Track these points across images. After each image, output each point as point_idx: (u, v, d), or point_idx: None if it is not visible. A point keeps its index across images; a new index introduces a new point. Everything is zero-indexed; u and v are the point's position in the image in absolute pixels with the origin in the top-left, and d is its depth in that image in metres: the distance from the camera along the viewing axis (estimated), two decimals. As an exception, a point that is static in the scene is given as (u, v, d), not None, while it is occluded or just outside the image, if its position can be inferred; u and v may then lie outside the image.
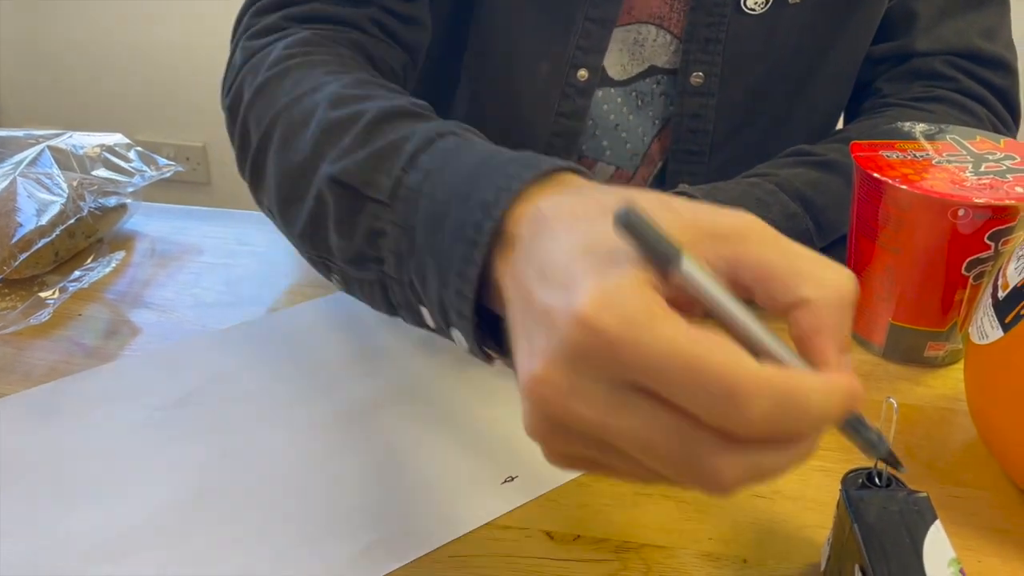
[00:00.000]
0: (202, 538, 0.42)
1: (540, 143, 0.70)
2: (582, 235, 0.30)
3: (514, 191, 0.34)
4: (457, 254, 0.36)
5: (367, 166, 0.43)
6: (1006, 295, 0.43)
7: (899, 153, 0.54)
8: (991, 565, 0.42)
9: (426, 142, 0.42)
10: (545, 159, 0.37)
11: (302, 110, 0.50)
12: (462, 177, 0.38)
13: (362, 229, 0.43)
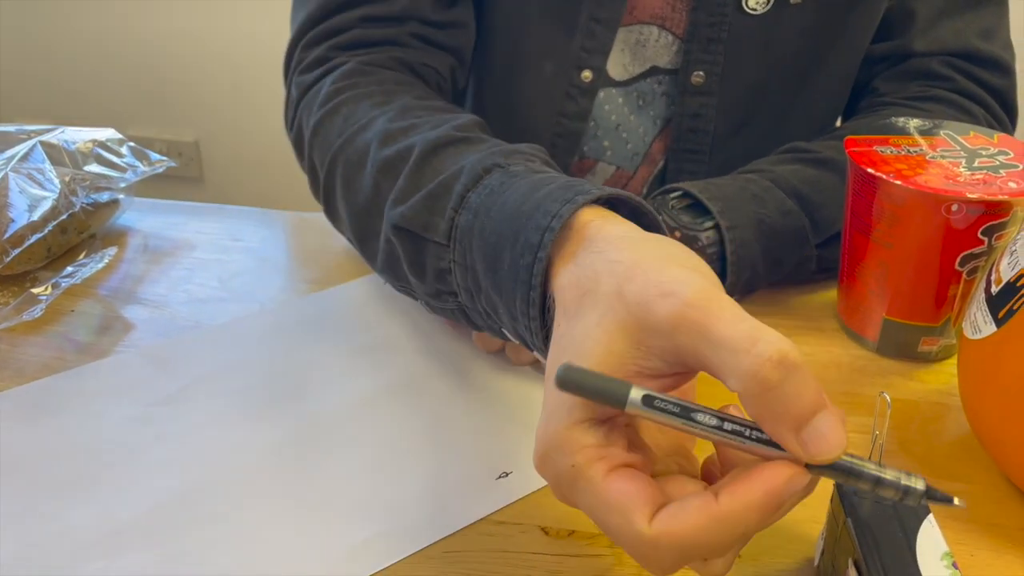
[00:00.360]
0: (196, 534, 0.42)
1: (543, 144, 0.70)
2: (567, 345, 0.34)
3: (554, 229, 0.38)
4: (519, 294, 0.40)
5: (423, 209, 0.47)
6: (999, 290, 0.43)
7: (893, 148, 0.54)
8: (984, 559, 0.42)
9: (473, 180, 0.45)
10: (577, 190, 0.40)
11: (356, 150, 0.54)
12: (508, 217, 0.41)
13: (431, 269, 0.47)
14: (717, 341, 0.30)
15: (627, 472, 0.32)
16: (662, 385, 0.33)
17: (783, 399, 0.29)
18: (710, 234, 0.57)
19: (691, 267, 0.33)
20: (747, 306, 0.60)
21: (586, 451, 0.32)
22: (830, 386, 0.53)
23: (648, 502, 0.31)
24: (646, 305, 0.31)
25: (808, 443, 0.29)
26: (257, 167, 2.01)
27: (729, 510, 0.30)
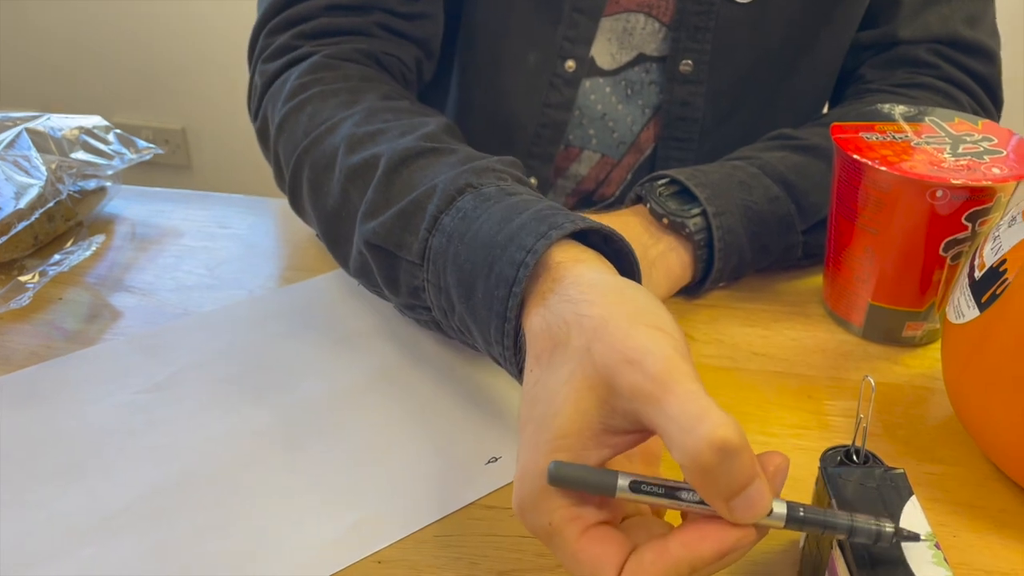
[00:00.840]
0: (187, 520, 0.43)
1: (527, 134, 0.71)
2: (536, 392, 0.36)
3: (529, 265, 0.39)
4: (494, 324, 0.41)
5: (396, 227, 0.48)
6: (982, 275, 0.44)
7: (879, 135, 0.54)
8: (966, 540, 0.43)
9: (446, 201, 0.46)
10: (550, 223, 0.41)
11: (323, 153, 0.54)
12: (481, 246, 0.42)
13: (405, 285, 0.48)
14: (667, 416, 0.31)
15: (599, 532, 0.34)
16: (630, 440, 0.34)
17: (717, 479, 0.31)
18: (697, 221, 0.58)
19: (658, 327, 0.34)
20: (734, 292, 0.61)
21: (560, 511, 0.33)
22: (815, 371, 0.54)
23: (615, 564, 0.33)
24: (611, 369, 0.33)
25: (735, 509, 0.32)
26: (245, 155, 2.00)
27: (681, 560, 0.32)
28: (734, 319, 0.58)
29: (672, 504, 0.33)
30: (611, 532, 0.34)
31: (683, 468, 0.31)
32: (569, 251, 0.40)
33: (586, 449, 0.34)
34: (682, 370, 0.32)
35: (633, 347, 0.33)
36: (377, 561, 0.41)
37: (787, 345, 0.56)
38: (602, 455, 0.34)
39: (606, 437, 0.34)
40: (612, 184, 0.75)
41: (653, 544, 0.33)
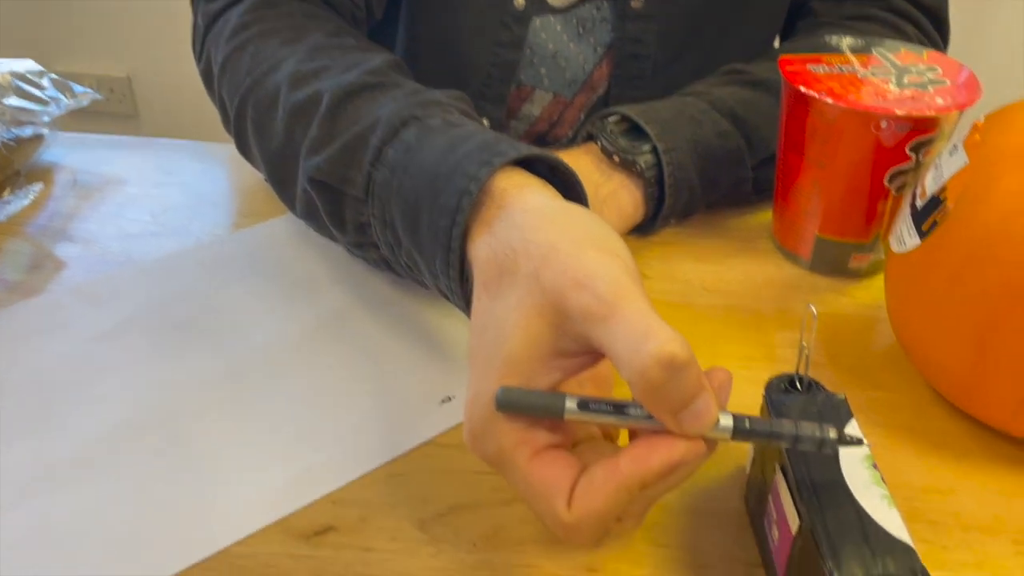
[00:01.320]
0: (136, 468, 0.42)
1: (479, 74, 0.70)
2: (489, 314, 0.35)
3: (472, 193, 0.39)
4: (439, 256, 0.40)
5: (339, 162, 0.46)
6: (924, 204, 0.44)
7: (826, 67, 0.54)
8: (907, 462, 0.44)
9: (390, 133, 0.45)
10: (493, 151, 0.40)
11: (266, 91, 0.53)
12: (425, 176, 0.42)
13: (351, 222, 0.47)
14: (615, 336, 0.31)
15: (550, 456, 0.34)
16: (579, 363, 0.34)
17: (665, 394, 0.31)
18: (648, 158, 0.57)
19: (607, 250, 0.34)
20: (686, 229, 0.61)
21: (510, 435, 0.33)
22: (765, 304, 0.55)
23: (567, 486, 0.33)
24: (561, 293, 0.33)
25: (683, 422, 0.32)
26: (195, 102, 1.94)
27: (631, 477, 0.32)
28: (686, 255, 0.59)
29: (620, 421, 0.33)
30: (562, 454, 0.34)
31: (631, 385, 0.31)
32: (514, 178, 0.40)
33: (536, 374, 0.34)
34: (631, 291, 0.32)
35: (582, 270, 0.33)
36: (332, 501, 0.41)
37: (737, 280, 0.57)
38: (552, 379, 0.34)
39: (556, 361, 0.34)
40: (566, 125, 0.75)
41: (603, 463, 0.33)
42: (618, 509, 0.33)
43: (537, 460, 0.33)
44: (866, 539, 0.32)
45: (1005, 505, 0.42)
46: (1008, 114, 0.43)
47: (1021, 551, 0.40)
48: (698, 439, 0.33)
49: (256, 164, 0.57)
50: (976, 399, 0.44)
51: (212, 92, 0.60)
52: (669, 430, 0.33)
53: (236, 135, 0.57)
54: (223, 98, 0.58)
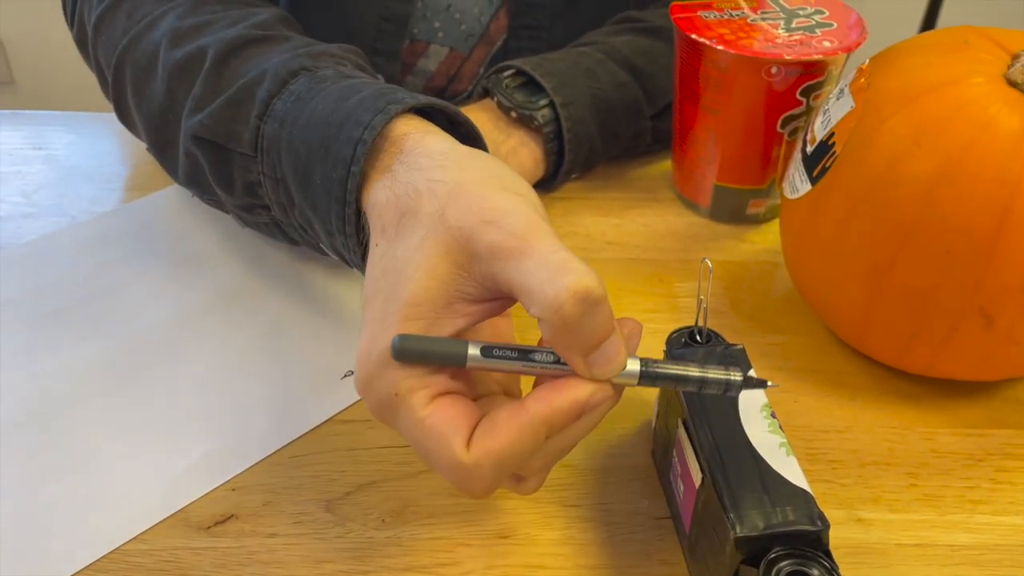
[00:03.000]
0: (19, 468, 0.40)
1: (369, 28, 0.67)
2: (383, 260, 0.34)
3: (367, 142, 0.37)
4: (334, 210, 0.38)
5: (225, 118, 0.44)
6: (814, 149, 0.44)
7: (716, 13, 0.54)
8: (806, 404, 0.45)
9: (278, 85, 0.42)
10: (389, 99, 0.38)
11: (144, 51, 0.49)
12: (317, 127, 0.39)
13: (239, 182, 0.44)
14: (527, 270, 0.30)
15: (448, 399, 0.32)
16: (483, 310, 0.33)
17: (577, 332, 0.30)
18: (545, 113, 0.56)
19: (515, 191, 0.33)
20: (587, 183, 0.61)
21: (409, 380, 0.32)
22: (667, 255, 0.55)
23: (466, 427, 0.31)
24: (468, 230, 0.31)
25: (593, 365, 0.31)
26: (76, 66, 1.83)
27: (536, 416, 0.31)
28: (587, 210, 0.58)
29: (526, 368, 0.32)
30: (461, 399, 0.33)
31: (543, 322, 0.30)
32: (414, 123, 0.38)
33: (439, 318, 0.32)
34: (542, 227, 0.31)
35: (491, 208, 0.32)
36: (231, 488, 0.40)
37: (639, 232, 0.57)
38: (456, 325, 0.32)
39: (460, 306, 0.32)
40: (464, 80, 0.73)
41: (507, 404, 0.32)
42: (521, 453, 0.31)
43: (435, 403, 0.32)
44: (765, 489, 0.33)
45: (899, 439, 0.43)
46: (892, 55, 0.44)
47: (915, 483, 0.41)
48: (606, 383, 0.32)
49: (136, 131, 0.54)
50: (869, 338, 0.45)
51: (88, 57, 0.56)
52: (577, 375, 0.32)
53: (115, 101, 0.53)
54: (99, 61, 0.54)
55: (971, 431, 0.44)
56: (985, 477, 0.42)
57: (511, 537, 0.38)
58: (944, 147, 0.39)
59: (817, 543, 0.32)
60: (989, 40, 0.42)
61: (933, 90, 0.40)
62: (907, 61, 0.43)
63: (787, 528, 0.31)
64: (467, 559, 0.37)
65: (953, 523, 0.40)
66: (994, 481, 0.41)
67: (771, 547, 0.31)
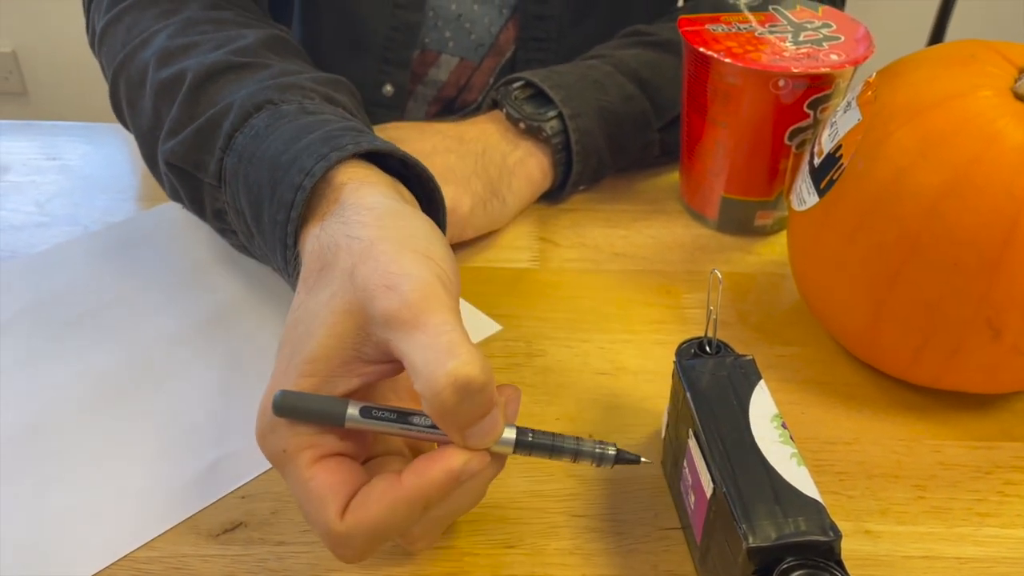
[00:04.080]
0: (32, 474, 0.40)
1: (379, 38, 0.68)
2: (295, 317, 0.34)
3: (305, 189, 0.38)
4: (278, 251, 0.40)
5: (193, 147, 0.45)
6: (821, 162, 0.45)
7: (724, 26, 0.54)
8: (814, 415, 0.45)
9: (241, 118, 0.43)
10: (335, 144, 0.39)
11: (137, 67, 0.51)
12: (268, 166, 0.40)
13: (209, 208, 0.46)
14: (415, 346, 0.30)
15: (333, 462, 0.32)
16: (379, 371, 0.33)
17: (456, 415, 0.31)
18: (554, 124, 0.57)
19: (426, 253, 0.33)
20: (594, 195, 0.61)
21: (298, 439, 0.32)
22: (674, 266, 0.55)
23: (344, 494, 0.32)
24: (369, 292, 0.32)
25: (469, 437, 0.32)
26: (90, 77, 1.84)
27: (411, 489, 0.31)
28: (595, 221, 0.59)
29: (404, 430, 0.33)
30: (347, 463, 0.33)
31: (423, 400, 0.31)
32: (356, 172, 0.39)
33: (334, 376, 0.32)
34: (439, 299, 0.31)
35: (395, 271, 0.32)
36: (241, 496, 0.40)
37: (646, 243, 0.57)
38: (350, 384, 0.33)
39: (357, 366, 0.33)
40: (474, 90, 0.73)
41: (386, 475, 0.32)
42: (396, 525, 0.32)
43: (319, 465, 0.32)
44: (777, 499, 0.33)
45: (906, 451, 0.43)
46: (899, 69, 0.44)
47: (923, 495, 0.41)
48: (482, 452, 0.32)
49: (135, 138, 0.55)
50: (877, 350, 0.45)
51: (98, 61, 0.58)
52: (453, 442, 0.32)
53: (114, 110, 0.55)
54: (104, 72, 0.56)
55: (979, 443, 0.44)
56: (993, 490, 0.42)
57: (518, 547, 0.38)
58: (951, 160, 0.39)
59: (829, 553, 0.32)
60: (996, 54, 0.43)
61: (940, 103, 0.41)
62: (914, 74, 0.43)
63: (799, 538, 0.32)
64: (474, 569, 0.37)
65: (961, 536, 0.39)
66: (1002, 494, 0.41)
67: (783, 557, 0.31)
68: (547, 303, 0.52)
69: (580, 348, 0.48)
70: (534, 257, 0.55)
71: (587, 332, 0.50)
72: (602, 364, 0.47)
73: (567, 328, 0.50)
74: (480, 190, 0.54)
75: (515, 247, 0.56)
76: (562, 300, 0.52)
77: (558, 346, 0.48)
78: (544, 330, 0.50)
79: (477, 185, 0.54)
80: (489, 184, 0.55)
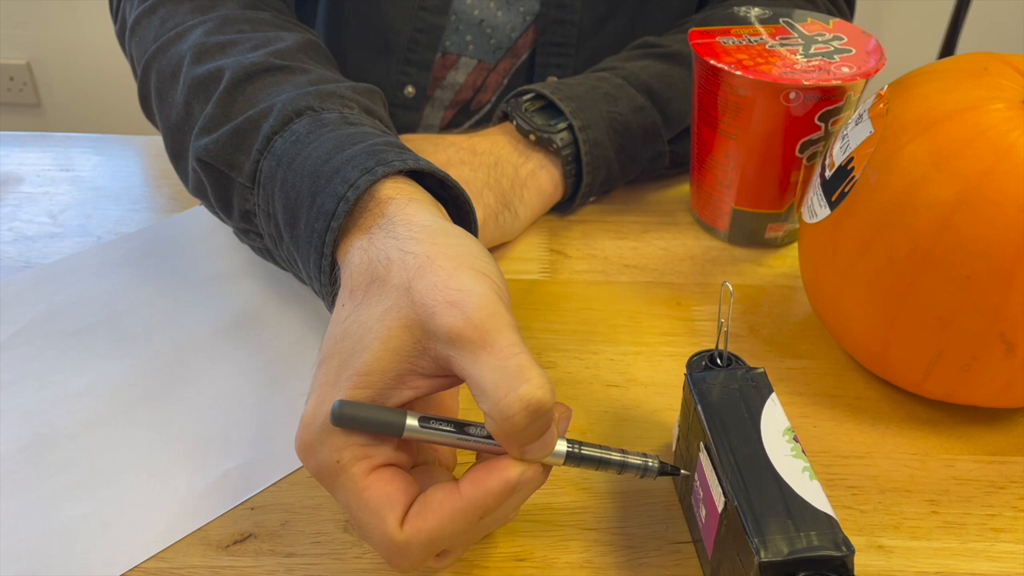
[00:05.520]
0: (42, 484, 0.40)
1: (404, 40, 0.68)
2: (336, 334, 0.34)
3: (349, 200, 0.38)
4: (312, 259, 0.39)
5: (229, 146, 0.45)
6: (832, 174, 0.45)
7: (735, 39, 0.54)
8: (826, 428, 0.45)
9: (282, 122, 0.43)
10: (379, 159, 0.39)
11: (170, 60, 0.51)
12: (308, 173, 0.40)
13: (237, 208, 0.45)
14: (483, 367, 0.31)
15: (388, 472, 0.33)
16: (433, 384, 0.34)
17: (522, 435, 0.31)
18: (564, 136, 0.57)
19: (483, 271, 0.33)
20: (605, 206, 0.61)
21: (353, 449, 0.32)
22: (685, 278, 0.55)
23: (402, 504, 0.32)
24: (431, 309, 0.32)
25: (527, 452, 0.32)
26: (103, 89, 1.86)
27: (469, 499, 0.32)
28: (605, 233, 0.59)
29: (461, 441, 0.33)
30: (400, 473, 0.33)
31: (490, 418, 0.31)
32: (402, 188, 0.39)
33: (388, 388, 0.33)
34: (503, 319, 0.32)
35: (456, 288, 0.32)
36: (251, 508, 0.40)
37: (656, 255, 0.57)
38: (403, 397, 0.33)
39: (411, 379, 0.33)
40: (488, 90, 0.74)
41: (443, 484, 0.32)
42: (454, 534, 0.32)
43: (375, 475, 0.32)
44: (789, 514, 0.33)
45: (919, 465, 0.43)
46: (911, 81, 0.44)
47: (936, 510, 0.41)
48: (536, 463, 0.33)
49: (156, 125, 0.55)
50: (889, 364, 0.45)
51: (125, 52, 0.58)
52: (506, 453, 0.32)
53: (141, 100, 0.55)
54: (133, 64, 0.56)
55: (993, 458, 0.43)
56: (1007, 505, 0.41)
57: (528, 560, 0.38)
58: (963, 172, 0.39)
59: (842, 568, 0.31)
60: (1008, 66, 0.42)
61: (952, 116, 0.40)
62: (926, 87, 0.43)
63: (812, 553, 0.31)
64: (485, 581, 0.37)
65: (975, 551, 0.39)
66: (1016, 509, 0.41)
67: (796, 572, 0.31)
68: (557, 315, 0.52)
69: (590, 360, 0.48)
70: (544, 268, 0.55)
71: (597, 344, 0.49)
72: (612, 376, 0.47)
73: (577, 340, 0.50)
74: (492, 202, 0.54)
75: (526, 258, 0.56)
76: (572, 312, 0.52)
77: (568, 358, 0.48)
78: (554, 342, 0.49)
79: (489, 197, 0.54)
80: (501, 196, 0.55)
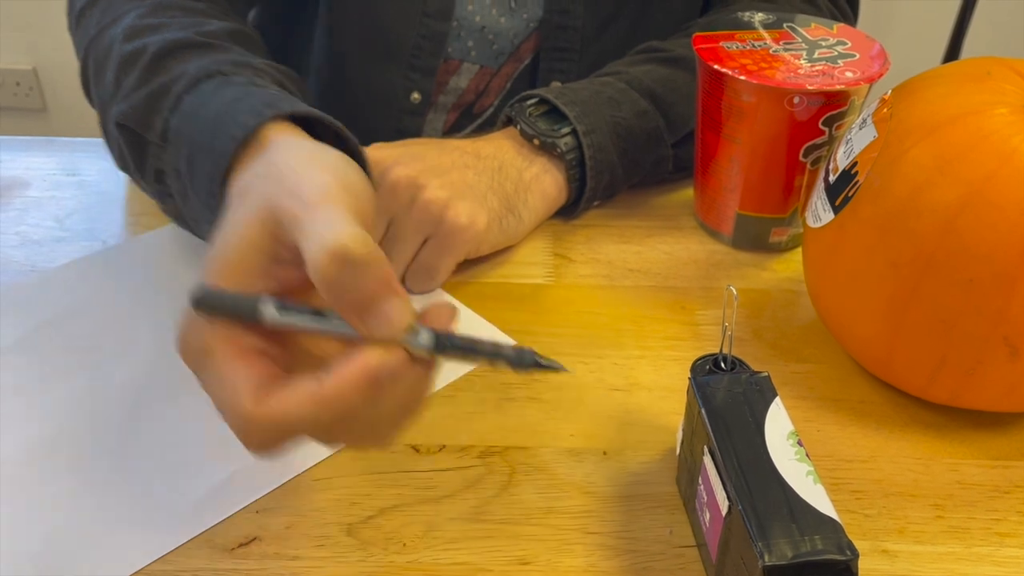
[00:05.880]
0: (48, 488, 0.40)
1: (408, 46, 0.68)
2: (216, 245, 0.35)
3: (238, 139, 0.40)
4: (203, 200, 0.41)
5: (144, 107, 0.47)
6: (836, 178, 0.45)
7: (739, 44, 0.54)
8: (830, 432, 0.45)
9: (192, 83, 0.46)
10: (271, 104, 0.41)
11: (104, 43, 0.53)
12: (207, 124, 0.42)
13: (150, 169, 0.48)
14: (303, 233, 0.31)
15: (254, 357, 0.33)
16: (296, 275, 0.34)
17: (339, 291, 0.31)
18: (568, 140, 0.57)
19: (332, 171, 0.35)
20: (609, 211, 0.61)
21: (218, 332, 0.33)
22: (689, 283, 0.55)
23: (262, 384, 0.32)
24: (276, 200, 0.33)
25: (369, 324, 0.31)
26: (105, 94, 1.86)
27: (329, 386, 0.31)
28: (609, 237, 0.59)
29: (319, 326, 0.32)
30: (268, 360, 0.33)
31: (315, 284, 0.31)
32: (287, 130, 0.41)
33: (251, 277, 0.33)
34: (336, 196, 0.33)
35: (301, 182, 0.33)
36: (255, 511, 0.40)
37: (660, 259, 0.57)
38: (268, 286, 0.34)
39: (273, 268, 0.34)
40: (491, 94, 0.74)
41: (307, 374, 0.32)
42: (309, 422, 0.31)
43: (240, 359, 0.32)
44: (793, 517, 0.33)
45: (924, 470, 0.43)
46: (915, 86, 0.44)
47: (940, 515, 0.41)
48: (396, 347, 0.31)
49: (96, 110, 0.56)
50: (893, 368, 0.45)
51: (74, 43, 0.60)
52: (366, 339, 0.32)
53: (83, 84, 0.57)
54: (76, 48, 0.58)
55: (997, 462, 0.43)
56: (1012, 509, 0.41)
57: (532, 564, 0.38)
58: (966, 176, 0.39)
59: (847, 573, 0.31)
60: (1012, 71, 0.42)
61: (955, 120, 0.40)
62: (930, 91, 0.43)
63: (816, 557, 0.31)
64: (489, 585, 0.37)
65: (980, 556, 0.39)
66: (1021, 514, 0.41)
67: (798, 576, 0.31)
68: (561, 319, 0.52)
69: (595, 364, 0.48)
70: (549, 273, 0.55)
71: (601, 348, 0.50)
72: (616, 380, 0.47)
73: (581, 344, 0.50)
74: (496, 206, 0.54)
75: (530, 263, 0.56)
76: (576, 316, 0.52)
77: (572, 362, 0.48)
78: (558, 346, 0.50)
79: (493, 201, 0.54)
80: (505, 200, 0.55)
